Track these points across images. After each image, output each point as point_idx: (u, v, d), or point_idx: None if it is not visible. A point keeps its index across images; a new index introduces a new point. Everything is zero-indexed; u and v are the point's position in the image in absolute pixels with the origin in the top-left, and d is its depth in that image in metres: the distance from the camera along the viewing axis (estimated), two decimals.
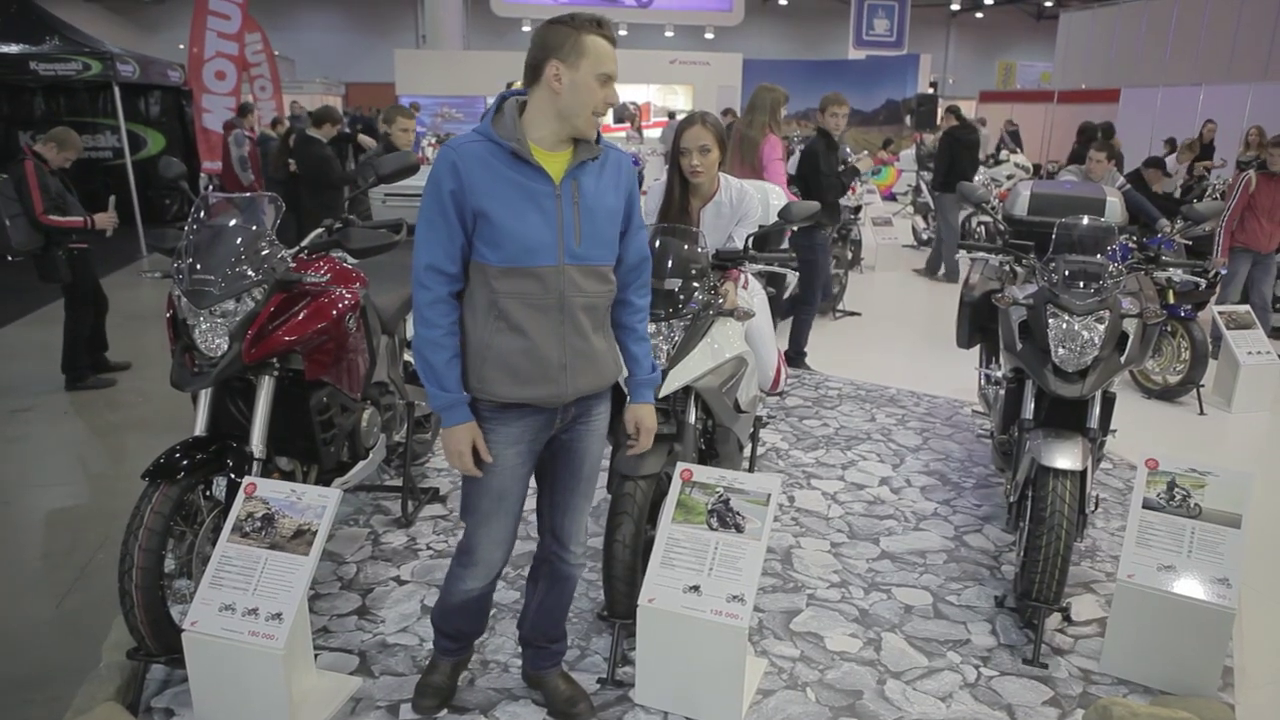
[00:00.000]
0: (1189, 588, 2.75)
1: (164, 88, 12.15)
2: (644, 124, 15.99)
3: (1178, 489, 2.88)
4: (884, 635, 3.08)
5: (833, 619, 3.17)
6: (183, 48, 13.21)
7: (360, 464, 3.37)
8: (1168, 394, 5.67)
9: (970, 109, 23.89)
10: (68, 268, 5.45)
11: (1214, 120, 12.94)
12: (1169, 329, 5.64)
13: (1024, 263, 3.82)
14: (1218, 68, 16.35)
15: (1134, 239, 4.99)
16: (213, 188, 10.16)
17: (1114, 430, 3.54)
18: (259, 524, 2.59)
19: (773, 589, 3.35)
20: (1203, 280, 5.91)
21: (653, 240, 3.03)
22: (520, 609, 2.77)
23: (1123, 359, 3.25)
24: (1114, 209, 4.18)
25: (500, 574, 2.50)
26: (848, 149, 8.91)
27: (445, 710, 2.63)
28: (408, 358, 3.89)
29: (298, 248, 3.11)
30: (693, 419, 3.02)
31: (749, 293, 3.55)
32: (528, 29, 21.94)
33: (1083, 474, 3.00)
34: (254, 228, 2.89)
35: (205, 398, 2.84)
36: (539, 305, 2.19)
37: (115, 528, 3.16)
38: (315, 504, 2.62)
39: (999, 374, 3.68)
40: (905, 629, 3.12)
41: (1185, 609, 2.74)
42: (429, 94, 17.96)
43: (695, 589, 2.59)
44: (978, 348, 4.55)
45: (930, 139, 12.38)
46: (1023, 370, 3.35)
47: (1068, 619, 3.16)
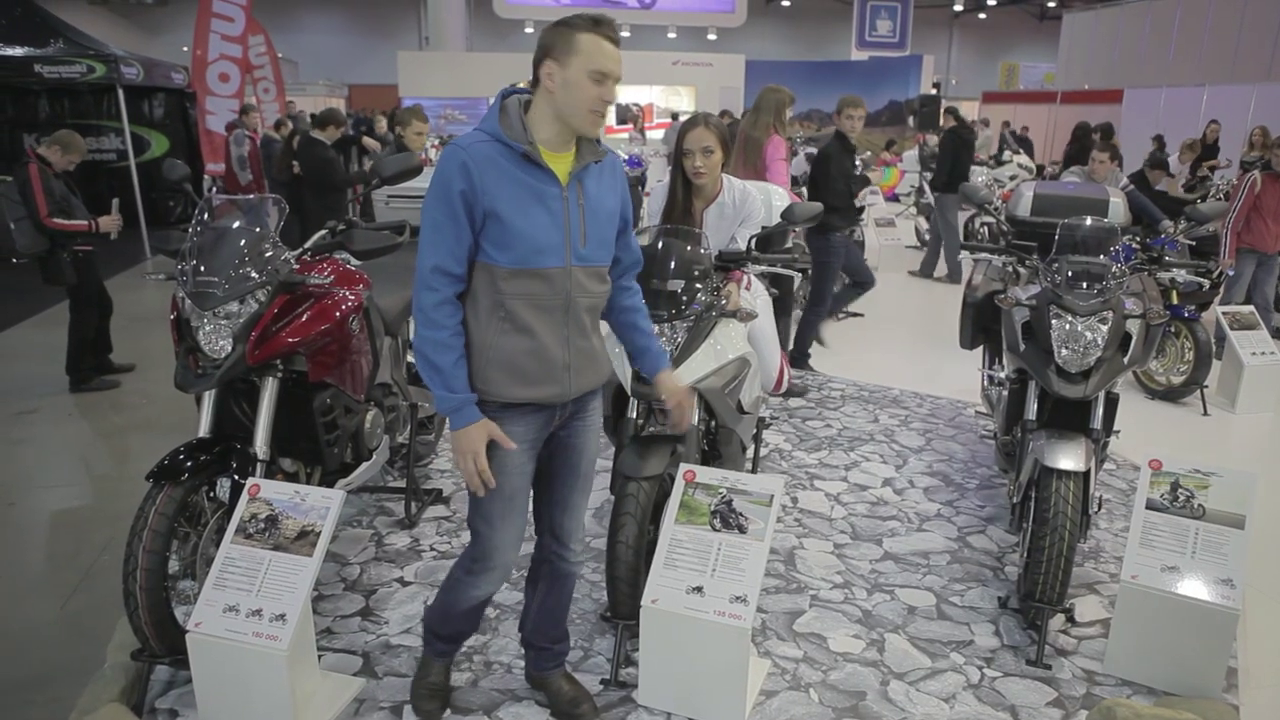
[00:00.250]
0: (1193, 588, 2.74)
1: (168, 90, 12.17)
2: (647, 125, 16.00)
3: (1181, 490, 2.88)
4: (887, 636, 3.08)
5: (836, 620, 3.17)
6: (186, 50, 13.25)
7: (364, 465, 3.37)
8: (1171, 395, 5.66)
9: (973, 110, 23.94)
10: (72, 270, 5.47)
11: (1218, 121, 12.92)
12: (1172, 330, 5.63)
13: (1027, 263, 3.82)
14: (1221, 68, 16.34)
15: (1137, 240, 4.99)
16: (216, 190, 10.18)
17: (1117, 431, 3.54)
18: (263, 525, 2.60)
19: (776, 590, 3.35)
20: (1206, 281, 5.90)
21: (655, 241, 3.04)
22: (521, 610, 2.77)
23: (1126, 360, 3.24)
24: (1117, 210, 4.18)
25: (510, 577, 2.50)
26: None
27: (448, 711, 2.63)
28: (411, 359, 3.89)
29: (301, 249, 3.12)
30: (695, 420, 3.02)
31: (752, 294, 3.55)
32: (531, 30, 21.96)
33: (1086, 475, 3.00)
34: (257, 230, 2.90)
35: (209, 399, 2.84)
36: (546, 306, 2.20)
37: (119, 529, 3.16)
38: (319, 505, 2.62)
39: (1002, 375, 3.68)
40: (908, 630, 3.12)
41: (1189, 610, 2.74)
42: (432, 96, 17.99)
43: (698, 590, 2.59)
44: (981, 349, 4.55)
45: (933, 140, 12.37)
46: (1026, 371, 3.34)
47: (1071, 620, 3.16)
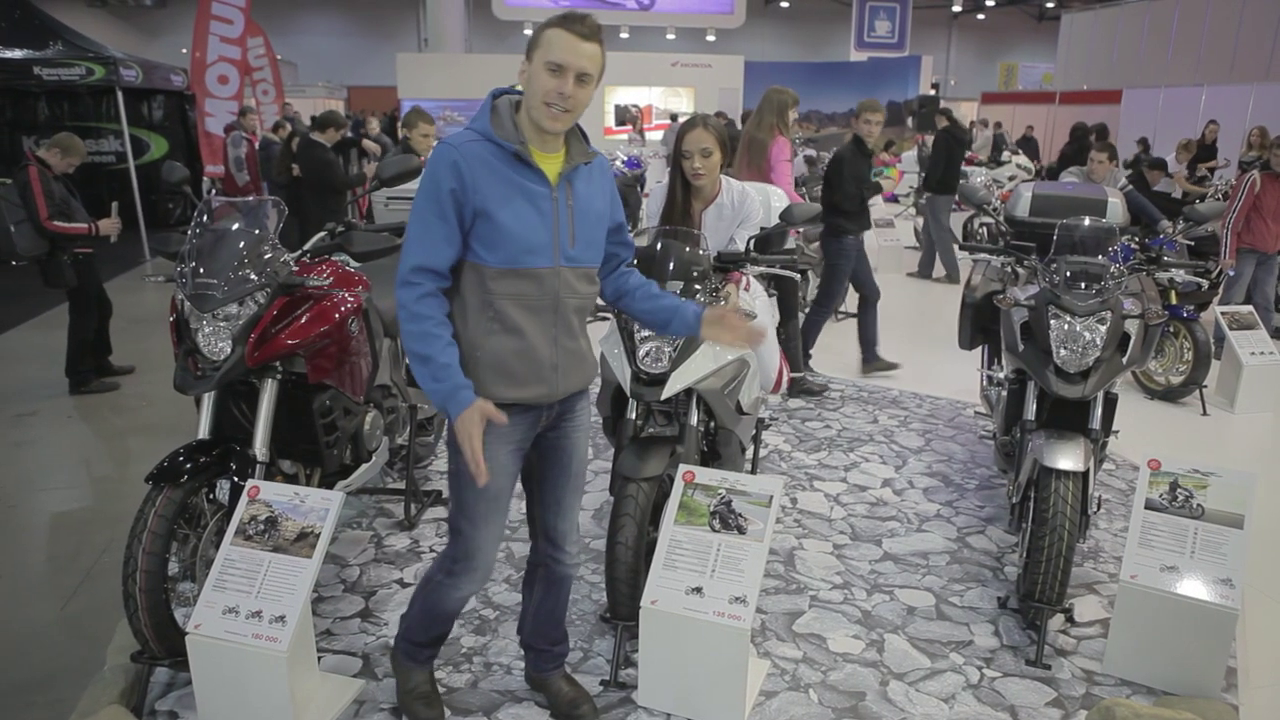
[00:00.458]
0: (1192, 588, 2.74)
1: (167, 92, 12.18)
2: (646, 126, 16.00)
3: (1180, 490, 2.88)
4: (887, 636, 3.08)
5: (835, 620, 3.17)
6: (185, 52, 13.24)
7: (363, 467, 3.37)
8: (1170, 395, 5.66)
9: (972, 110, 23.96)
10: (72, 273, 5.47)
11: (1216, 121, 12.93)
12: (1171, 330, 5.63)
13: (1026, 264, 3.82)
14: (1220, 68, 16.36)
15: (1136, 240, 4.99)
16: (215, 192, 10.18)
17: (1116, 431, 3.54)
18: (262, 527, 2.60)
19: (775, 590, 3.35)
20: (1205, 281, 5.91)
21: (654, 243, 3.04)
22: (520, 613, 2.77)
23: (1125, 360, 3.25)
24: (1115, 210, 4.19)
25: (489, 577, 2.48)
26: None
27: (448, 712, 2.63)
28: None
29: (300, 251, 3.12)
30: (695, 421, 3.02)
31: (750, 294, 3.55)
32: (529, 32, 21.93)
33: (1085, 475, 3.01)
34: (257, 232, 2.90)
35: (208, 401, 2.84)
36: (534, 306, 2.19)
37: (119, 531, 3.17)
38: (318, 507, 2.62)
39: (1001, 375, 3.69)
40: (908, 630, 3.12)
41: (1188, 610, 2.74)
42: (431, 97, 17.97)
43: (698, 591, 2.59)
44: (980, 349, 4.55)
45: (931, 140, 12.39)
46: (1025, 371, 3.35)
47: (1070, 620, 3.16)
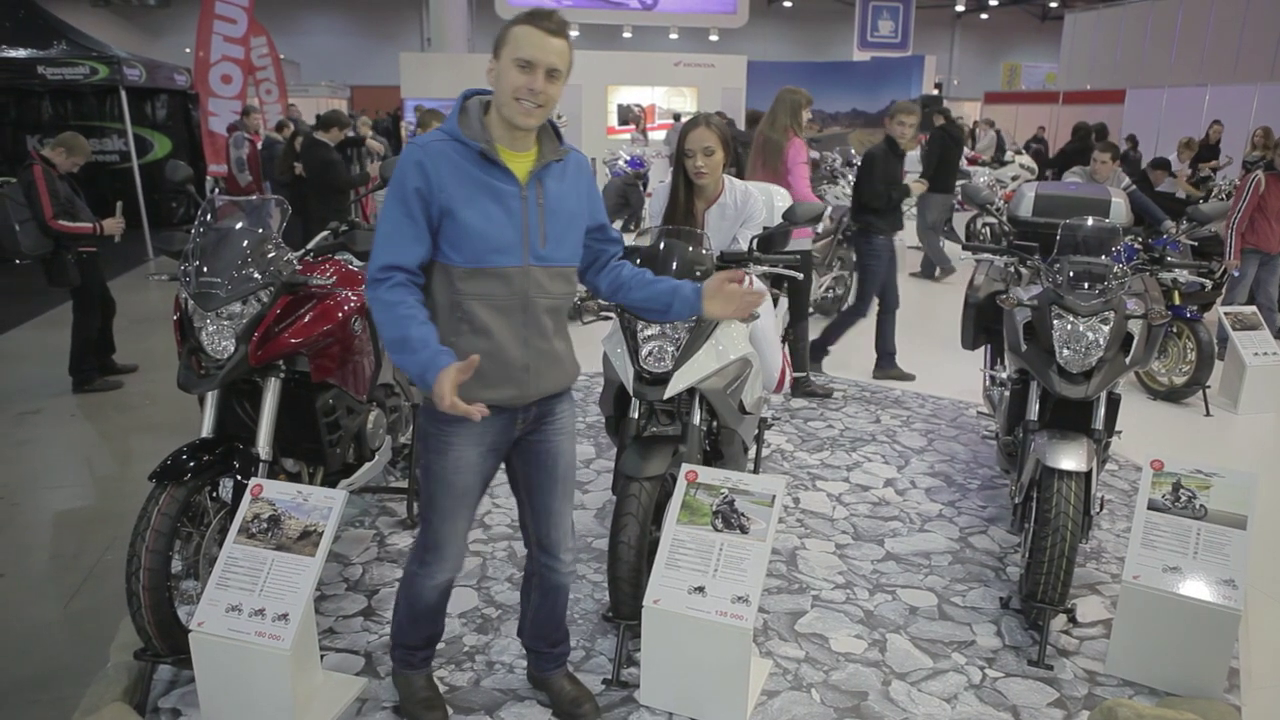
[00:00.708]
0: (1194, 589, 2.74)
1: (170, 91, 12.20)
2: (649, 126, 15.99)
3: (1183, 490, 2.88)
4: (889, 636, 3.08)
5: (837, 620, 3.17)
6: (189, 51, 13.26)
7: (366, 465, 3.38)
8: (1173, 395, 5.66)
9: (975, 110, 23.92)
10: (76, 271, 5.48)
11: (1220, 121, 12.91)
12: (1174, 330, 5.63)
13: (1029, 264, 3.82)
14: (1223, 68, 16.32)
15: (1139, 240, 4.98)
16: (219, 191, 10.20)
17: (1119, 431, 3.54)
18: (265, 525, 2.60)
19: (777, 590, 3.35)
20: (1208, 281, 5.90)
21: (657, 242, 3.05)
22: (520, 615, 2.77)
23: (1128, 360, 3.24)
24: (1119, 210, 4.19)
25: (462, 566, 2.48)
26: (852, 152, 8.92)
27: (451, 711, 2.63)
28: None
29: (304, 250, 3.13)
30: (697, 420, 3.02)
31: None
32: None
33: (1088, 475, 3.00)
34: (260, 231, 2.90)
35: (212, 400, 2.85)
36: (503, 306, 2.18)
37: (122, 529, 3.18)
38: (321, 505, 2.63)
39: (1004, 375, 3.68)
40: (910, 630, 3.12)
41: (1191, 610, 2.74)
42: (434, 97, 17.97)
43: (700, 590, 2.59)
44: (983, 349, 4.55)
45: None
46: (1027, 371, 3.35)
47: (1073, 620, 3.16)
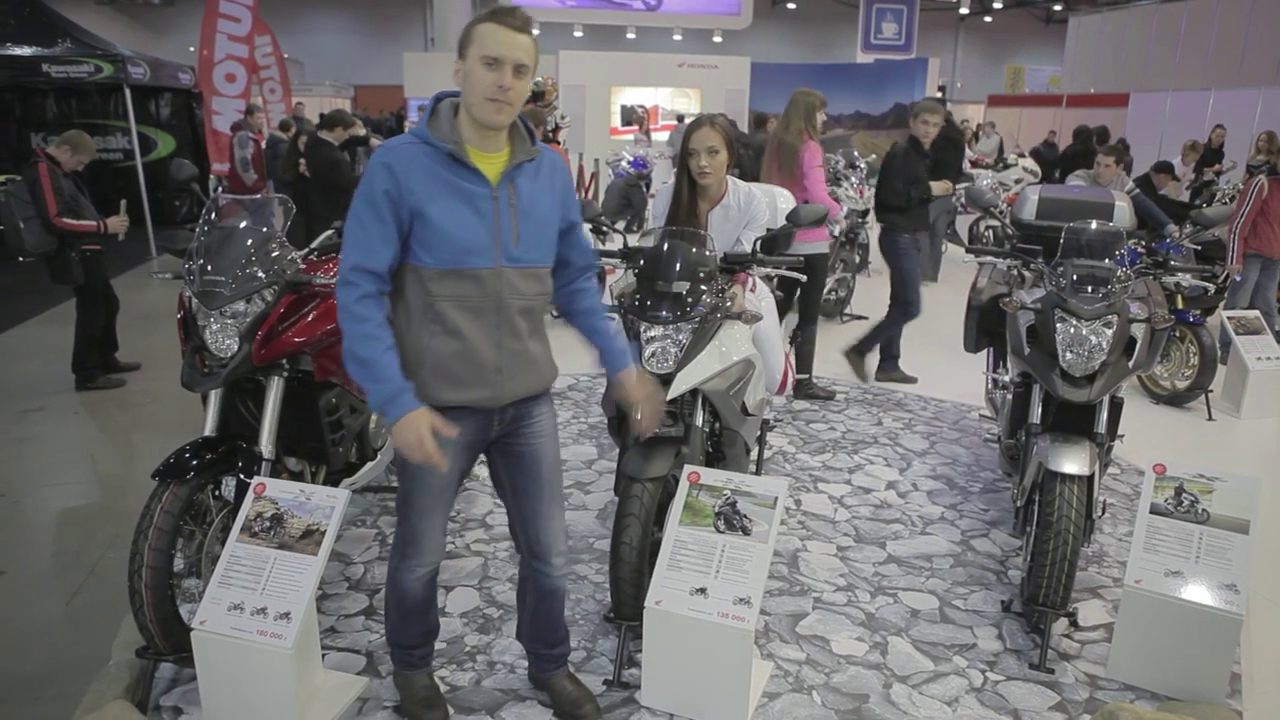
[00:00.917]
0: (1196, 593, 2.74)
1: (174, 90, 12.21)
2: (652, 127, 15.99)
3: (1186, 494, 2.88)
4: (890, 639, 3.08)
5: (839, 622, 3.17)
6: (193, 50, 13.28)
7: (368, 465, 3.38)
8: (1176, 399, 5.65)
9: (979, 113, 23.90)
10: (80, 269, 5.49)
11: (1224, 125, 12.90)
12: (1177, 334, 5.62)
13: (1032, 267, 3.81)
14: (1228, 72, 16.31)
15: (1142, 244, 4.98)
16: (222, 189, 10.21)
17: (1122, 435, 3.53)
18: (268, 524, 2.61)
19: (779, 592, 3.35)
20: (1211, 285, 5.89)
21: (661, 243, 3.05)
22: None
23: (1130, 364, 3.24)
24: (1122, 214, 4.18)
25: (442, 557, 2.48)
26: (855, 154, 8.91)
27: (452, 711, 2.64)
28: None
29: (307, 250, 3.14)
30: (700, 421, 3.03)
31: (756, 296, 3.55)
32: (536, 31, 21.93)
33: (1090, 479, 3.00)
34: (264, 230, 2.91)
35: (215, 398, 2.86)
36: (475, 308, 2.18)
37: (125, 527, 3.18)
38: (324, 504, 2.63)
39: (1006, 378, 3.68)
40: (911, 633, 3.12)
41: (1193, 615, 2.73)
42: None
43: (702, 591, 2.59)
44: (985, 352, 4.54)
45: None
46: (1030, 375, 3.34)
47: (1074, 624, 3.15)
